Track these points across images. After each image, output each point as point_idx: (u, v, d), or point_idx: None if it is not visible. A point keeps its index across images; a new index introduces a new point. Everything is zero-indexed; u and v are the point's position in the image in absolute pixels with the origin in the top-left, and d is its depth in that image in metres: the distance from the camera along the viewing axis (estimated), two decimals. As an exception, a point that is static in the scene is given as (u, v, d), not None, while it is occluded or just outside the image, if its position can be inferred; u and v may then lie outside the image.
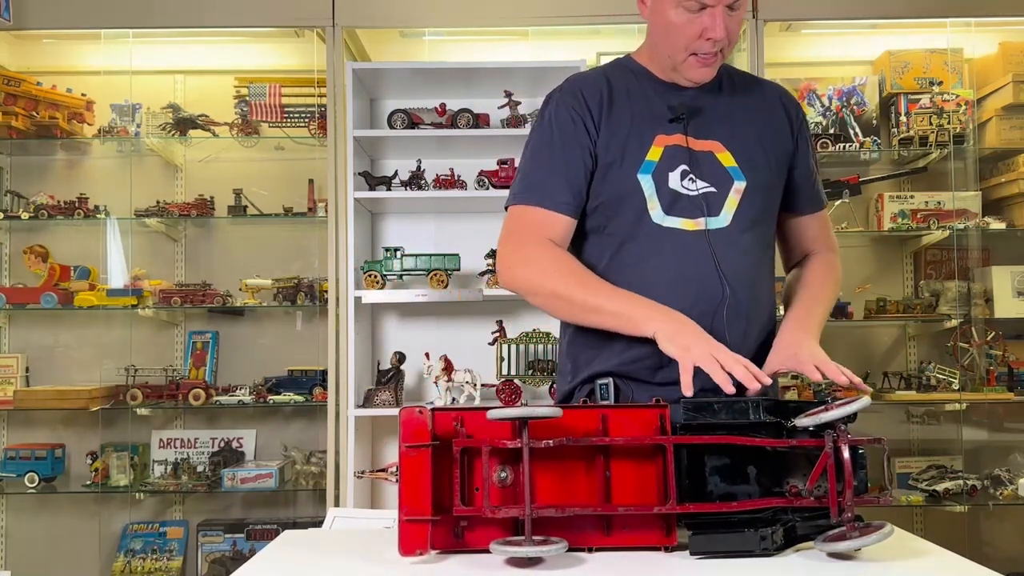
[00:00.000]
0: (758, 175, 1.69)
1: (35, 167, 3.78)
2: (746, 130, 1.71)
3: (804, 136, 1.80)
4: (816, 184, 1.83)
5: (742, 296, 1.63)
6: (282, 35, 3.68)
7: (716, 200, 1.65)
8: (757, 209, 1.69)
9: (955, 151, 3.56)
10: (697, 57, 1.63)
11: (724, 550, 1.27)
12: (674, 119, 1.66)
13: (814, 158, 1.84)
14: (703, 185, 1.65)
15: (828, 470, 1.26)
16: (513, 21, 3.50)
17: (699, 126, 1.68)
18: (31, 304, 3.54)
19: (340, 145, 3.26)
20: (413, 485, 1.27)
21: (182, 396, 3.46)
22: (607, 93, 1.70)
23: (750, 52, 3.35)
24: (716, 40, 1.59)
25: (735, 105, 1.73)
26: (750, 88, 1.79)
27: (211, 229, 3.78)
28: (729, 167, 1.67)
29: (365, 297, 3.12)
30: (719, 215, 1.65)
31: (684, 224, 1.64)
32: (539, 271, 1.64)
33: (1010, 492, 3.43)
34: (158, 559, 3.53)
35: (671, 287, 1.60)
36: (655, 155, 1.65)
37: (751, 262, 1.68)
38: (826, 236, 1.86)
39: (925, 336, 3.75)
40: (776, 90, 1.83)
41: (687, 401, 1.35)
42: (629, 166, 1.65)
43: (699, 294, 1.61)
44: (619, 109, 1.69)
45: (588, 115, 1.68)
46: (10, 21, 3.36)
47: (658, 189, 1.64)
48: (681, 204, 1.64)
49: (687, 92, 1.71)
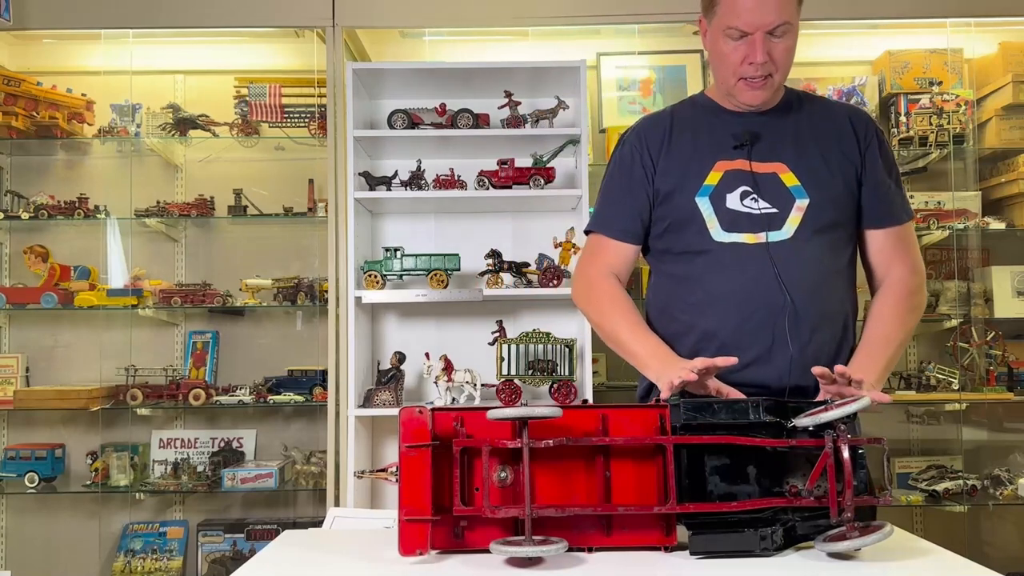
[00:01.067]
0: (823, 191, 1.77)
1: (35, 167, 3.78)
2: (811, 150, 1.80)
3: (875, 152, 1.84)
4: (889, 199, 1.84)
5: (805, 305, 1.71)
6: (282, 35, 3.68)
7: (777, 219, 1.75)
8: (822, 223, 1.76)
9: (955, 151, 3.56)
10: (745, 81, 1.76)
11: (724, 550, 1.27)
12: (738, 145, 1.78)
13: (890, 173, 1.86)
14: (765, 205, 1.76)
15: (828, 470, 1.26)
16: (513, 21, 3.50)
17: (764, 150, 1.79)
18: (31, 304, 3.54)
19: (340, 145, 3.26)
20: (413, 485, 1.27)
21: (182, 396, 3.46)
22: (668, 128, 1.87)
23: (750, 52, 3.34)
24: (757, 64, 1.72)
25: (801, 127, 1.83)
26: (818, 110, 1.88)
27: (211, 229, 3.78)
28: (792, 187, 1.77)
29: (365, 297, 3.12)
30: (781, 229, 1.75)
31: (745, 238, 1.74)
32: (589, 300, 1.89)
33: (1010, 492, 3.43)
34: (158, 559, 3.53)
35: (733, 298, 1.73)
36: (713, 179, 1.79)
37: (816, 273, 1.75)
38: (903, 253, 1.85)
39: (925, 336, 3.75)
40: (845, 109, 1.92)
41: (687, 401, 1.35)
42: (688, 191, 1.79)
43: (760, 303, 1.71)
44: (680, 141, 1.85)
45: (647, 152, 1.86)
46: (10, 21, 3.36)
47: (716, 210, 1.77)
48: (741, 222, 1.75)
49: (754, 119, 1.81)
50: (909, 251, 1.86)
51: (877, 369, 1.69)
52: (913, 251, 1.87)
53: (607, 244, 1.89)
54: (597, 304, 1.87)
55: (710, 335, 1.75)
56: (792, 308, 1.70)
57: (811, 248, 1.75)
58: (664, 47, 3.74)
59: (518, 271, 3.14)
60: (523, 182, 3.13)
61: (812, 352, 1.69)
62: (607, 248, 1.89)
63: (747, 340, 1.71)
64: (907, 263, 1.84)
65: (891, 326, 1.79)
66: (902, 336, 1.78)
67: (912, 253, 1.86)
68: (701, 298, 1.76)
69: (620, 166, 1.90)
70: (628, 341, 1.80)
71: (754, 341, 1.71)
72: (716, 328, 1.74)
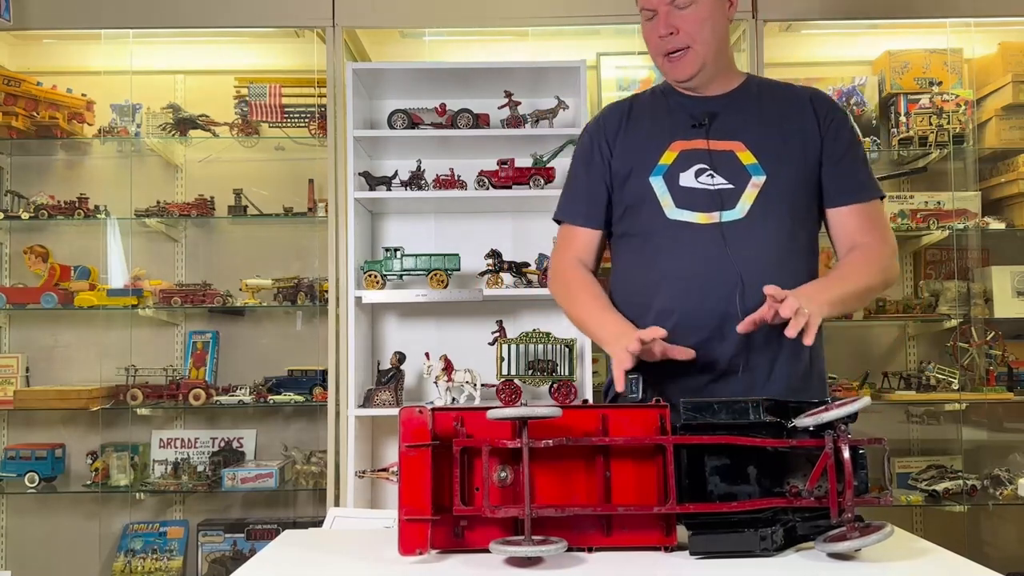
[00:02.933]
0: (780, 169, 1.78)
1: (35, 167, 3.78)
2: (771, 130, 1.81)
3: (836, 132, 1.83)
4: (851, 177, 1.83)
5: (758, 283, 1.67)
6: (282, 35, 3.68)
7: (732, 195, 1.76)
8: (778, 200, 1.76)
9: (955, 151, 3.56)
10: (667, 58, 1.82)
11: (724, 550, 1.27)
12: (696, 125, 1.80)
13: (855, 152, 1.85)
14: (720, 181, 1.77)
15: (828, 470, 1.26)
16: (513, 21, 3.50)
17: (722, 129, 1.81)
18: (31, 304, 3.54)
19: (340, 145, 3.26)
20: (413, 485, 1.28)
21: (182, 396, 3.46)
22: (627, 113, 1.91)
23: (750, 52, 3.35)
24: (663, 37, 1.78)
25: (761, 107, 1.85)
26: (780, 93, 1.90)
27: (211, 229, 3.78)
28: (748, 164, 1.78)
29: (365, 297, 3.12)
30: (735, 208, 1.75)
31: (697, 218, 1.76)
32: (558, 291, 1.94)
33: (1010, 492, 3.43)
34: (158, 559, 3.53)
35: (686, 276, 1.74)
36: (668, 159, 1.81)
37: (770, 251, 1.75)
38: (872, 229, 1.82)
39: (925, 336, 3.75)
40: (806, 92, 1.92)
41: (687, 401, 1.35)
42: (643, 172, 1.81)
43: (712, 283, 1.72)
44: (637, 125, 1.88)
45: (604, 138, 1.90)
46: (10, 21, 3.36)
47: (670, 188, 1.78)
48: (693, 199, 1.77)
49: (713, 101, 1.84)
50: (877, 228, 1.83)
51: (822, 297, 1.65)
52: (882, 228, 1.84)
53: (573, 232, 1.93)
54: (565, 292, 1.90)
55: (666, 314, 1.74)
56: (742, 286, 1.70)
57: (766, 226, 1.75)
58: (664, 47, 3.74)
59: (518, 271, 3.14)
60: (523, 182, 3.13)
61: (765, 329, 1.66)
62: (573, 236, 1.93)
63: (701, 318, 1.71)
64: (876, 238, 1.81)
65: (849, 268, 1.78)
66: (861, 282, 1.75)
67: (881, 230, 1.84)
68: (656, 277, 1.77)
69: (580, 155, 1.95)
70: (591, 322, 1.82)
71: (708, 319, 1.72)
72: (671, 307, 1.74)
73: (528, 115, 3.20)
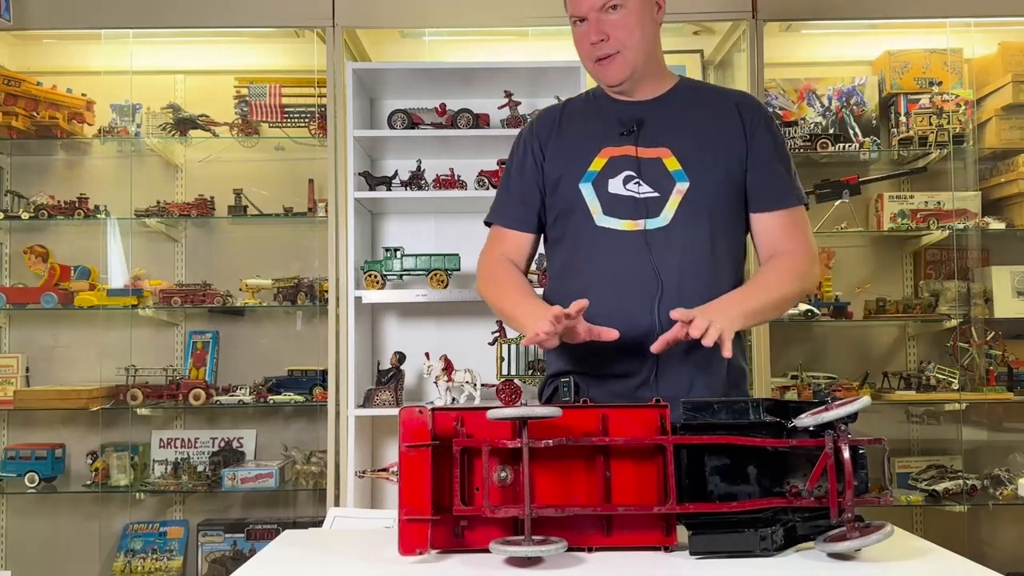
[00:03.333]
0: (704, 175, 1.79)
1: (35, 167, 3.77)
2: (697, 136, 1.82)
3: (762, 137, 1.83)
4: (775, 183, 1.83)
5: (679, 291, 1.72)
6: (282, 35, 3.68)
7: (657, 203, 1.78)
8: (701, 207, 1.78)
9: (955, 151, 3.56)
10: (598, 63, 1.82)
11: (724, 550, 1.27)
12: (624, 132, 1.82)
13: (780, 158, 1.85)
14: (647, 190, 1.79)
15: (828, 470, 1.26)
16: (513, 21, 3.50)
17: (650, 136, 1.82)
18: (31, 304, 3.54)
19: (340, 145, 3.26)
20: (413, 485, 1.28)
21: (182, 396, 3.46)
22: (559, 118, 1.92)
23: (750, 52, 3.35)
24: (595, 43, 1.79)
25: (689, 112, 1.86)
26: (707, 97, 1.92)
27: (211, 229, 3.78)
28: (673, 171, 1.79)
29: (365, 297, 3.12)
30: (659, 215, 1.77)
31: (623, 225, 1.78)
32: (483, 281, 1.93)
33: (1010, 492, 3.43)
34: (158, 559, 3.53)
35: (609, 284, 1.76)
36: (597, 165, 1.82)
37: (693, 258, 1.76)
38: (793, 236, 1.83)
39: (925, 336, 3.75)
40: (735, 96, 1.93)
41: (687, 401, 1.35)
42: (573, 178, 1.83)
43: (634, 290, 1.75)
44: (569, 130, 1.90)
45: (537, 142, 1.91)
46: (10, 21, 3.36)
47: (599, 195, 1.80)
48: (620, 207, 1.79)
49: (642, 106, 1.85)
50: (799, 235, 1.83)
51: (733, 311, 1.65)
52: (803, 235, 1.84)
53: (502, 233, 1.94)
54: (490, 286, 1.89)
55: (592, 321, 1.73)
56: (662, 294, 1.72)
57: (688, 233, 1.76)
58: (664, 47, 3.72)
59: (518, 271, 3.14)
60: (523, 182, 3.13)
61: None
62: (503, 238, 1.93)
63: (624, 325, 1.70)
64: (798, 245, 1.82)
65: (765, 279, 1.78)
66: (776, 292, 1.75)
67: (802, 237, 1.83)
68: (584, 284, 1.77)
69: (513, 158, 1.96)
70: (511, 309, 1.82)
71: (631, 327, 1.71)
72: (595, 315, 1.73)
73: (528, 115, 3.20)
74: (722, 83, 3.70)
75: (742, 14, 3.36)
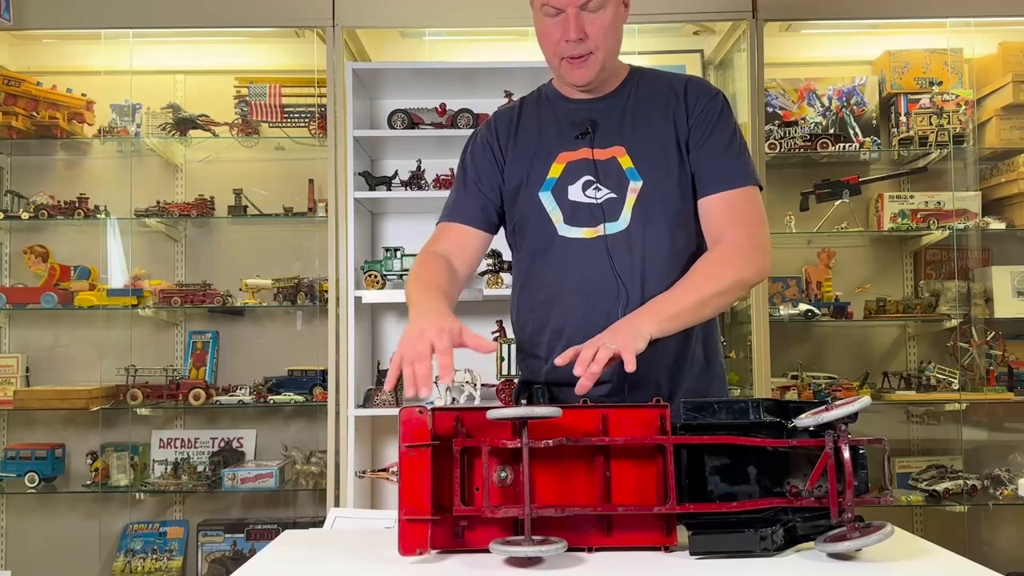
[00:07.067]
0: (656, 172, 1.73)
1: (35, 167, 3.78)
2: (645, 129, 1.76)
3: (706, 119, 1.74)
4: (721, 163, 1.73)
5: (645, 294, 1.68)
6: (282, 35, 3.68)
7: (615, 205, 1.73)
8: (655, 204, 1.72)
9: (955, 151, 3.56)
10: (567, 61, 1.72)
11: (724, 550, 1.27)
12: (579, 135, 1.76)
13: (722, 137, 1.75)
14: (605, 192, 1.74)
15: (828, 470, 1.26)
16: (513, 21, 3.49)
17: (604, 136, 1.76)
18: (31, 304, 3.54)
19: (340, 145, 3.25)
20: (413, 485, 1.27)
21: (182, 396, 3.46)
22: (515, 121, 1.84)
23: (750, 52, 3.35)
24: (572, 42, 1.68)
25: (638, 107, 1.78)
26: (655, 86, 1.81)
27: (211, 229, 3.78)
28: (627, 169, 1.74)
29: (365, 297, 3.12)
30: (618, 219, 1.72)
31: (584, 233, 1.73)
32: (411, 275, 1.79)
33: (1010, 492, 3.43)
34: (158, 559, 3.53)
35: (573, 294, 1.72)
36: (555, 172, 1.76)
37: (654, 260, 1.71)
38: (736, 222, 1.70)
39: (925, 336, 3.75)
40: (681, 80, 1.82)
41: (687, 401, 1.35)
42: (532, 187, 1.77)
43: (597, 297, 1.71)
44: (525, 135, 1.82)
45: (497, 144, 1.84)
46: (10, 21, 3.36)
47: (559, 203, 1.75)
48: (581, 214, 1.74)
49: (592, 105, 1.79)
50: (742, 218, 1.70)
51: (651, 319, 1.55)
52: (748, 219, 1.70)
53: (446, 228, 1.85)
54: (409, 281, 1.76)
55: (558, 332, 1.73)
56: (626, 299, 1.68)
57: (647, 234, 1.70)
58: (664, 47, 3.75)
59: (518, 271, 3.13)
60: (523, 182, 3.13)
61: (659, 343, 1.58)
62: (445, 232, 1.85)
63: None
64: (740, 232, 1.69)
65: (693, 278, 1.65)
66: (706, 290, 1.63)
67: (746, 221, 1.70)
68: (550, 294, 1.74)
69: (470, 158, 1.87)
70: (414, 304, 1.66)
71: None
72: (562, 324, 1.71)
73: (528, 115, 3.19)
74: (722, 83, 3.70)
75: (742, 14, 3.36)
